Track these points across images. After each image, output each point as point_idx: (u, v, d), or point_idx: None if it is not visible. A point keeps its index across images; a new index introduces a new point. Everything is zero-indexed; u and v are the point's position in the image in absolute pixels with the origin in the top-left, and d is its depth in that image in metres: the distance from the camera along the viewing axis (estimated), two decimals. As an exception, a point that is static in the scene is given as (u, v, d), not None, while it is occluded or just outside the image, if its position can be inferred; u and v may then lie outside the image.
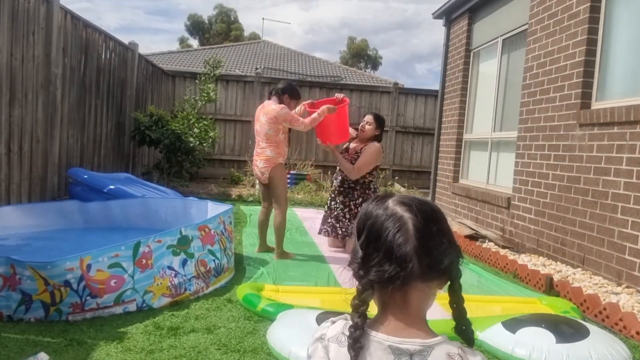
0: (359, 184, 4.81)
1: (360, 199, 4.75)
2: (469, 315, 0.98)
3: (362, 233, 0.95)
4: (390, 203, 0.95)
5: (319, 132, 4.72)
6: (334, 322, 0.97)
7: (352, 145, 4.93)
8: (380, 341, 0.89)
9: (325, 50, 76.95)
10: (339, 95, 4.90)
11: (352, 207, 4.78)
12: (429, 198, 1.11)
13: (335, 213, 4.85)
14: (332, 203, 4.91)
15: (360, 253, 0.93)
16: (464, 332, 0.97)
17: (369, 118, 4.92)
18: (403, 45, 79.18)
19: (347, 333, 0.90)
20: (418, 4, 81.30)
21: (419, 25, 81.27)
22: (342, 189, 4.84)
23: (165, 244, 3.05)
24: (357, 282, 0.93)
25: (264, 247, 4.57)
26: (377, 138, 4.92)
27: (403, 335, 0.90)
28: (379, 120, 4.94)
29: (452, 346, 0.90)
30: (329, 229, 4.89)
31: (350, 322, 0.91)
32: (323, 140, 4.73)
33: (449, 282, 0.94)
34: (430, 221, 0.92)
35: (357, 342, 0.88)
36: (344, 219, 4.80)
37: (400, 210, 0.92)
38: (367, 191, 4.80)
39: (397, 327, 0.91)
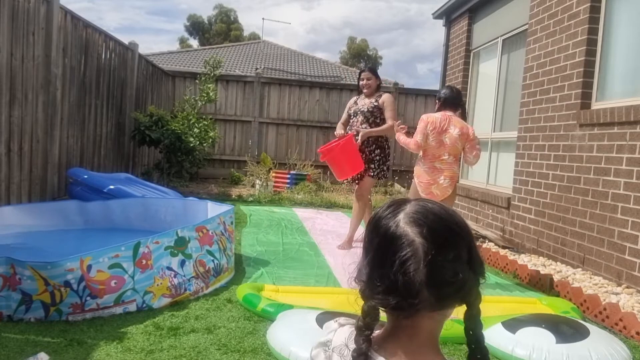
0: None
1: (374, 145, 4.80)
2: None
3: (369, 251, 0.86)
4: (402, 220, 0.84)
5: (336, 171, 4.73)
6: (342, 326, 0.91)
7: (362, 102, 4.87)
8: None
9: (326, 50, 77.00)
10: (338, 133, 4.90)
11: (367, 153, 4.76)
12: (448, 207, 0.87)
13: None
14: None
15: (366, 271, 0.85)
16: (473, 350, 0.86)
17: (366, 75, 4.90)
18: (405, 45, 79.21)
19: (351, 347, 0.84)
20: (421, 3, 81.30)
21: (422, 25, 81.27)
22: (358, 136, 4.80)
23: (162, 245, 3.05)
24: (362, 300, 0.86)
25: None
26: (379, 87, 4.98)
27: None
28: (374, 71, 5.01)
29: None
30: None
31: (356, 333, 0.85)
32: (342, 176, 4.75)
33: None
34: (445, 247, 0.81)
35: None
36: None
37: (411, 233, 0.82)
38: (379, 138, 4.83)
39: (405, 354, 0.83)
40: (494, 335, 2.61)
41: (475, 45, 7.22)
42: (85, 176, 5.27)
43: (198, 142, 8.34)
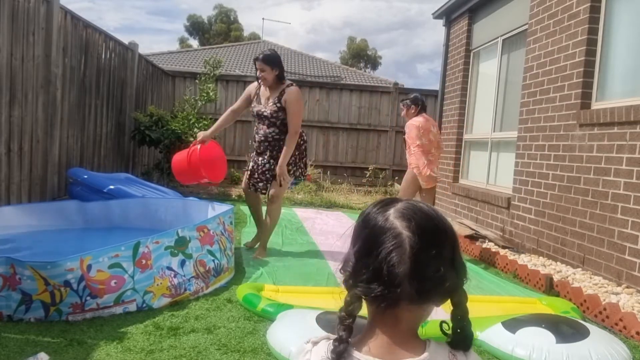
0: (284, 133, 4.26)
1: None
2: (469, 315, 0.94)
3: (357, 242, 0.89)
4: (392, 214, 0.87)
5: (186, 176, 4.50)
6: (315, 344, 0.91)
7: (264, 99, 4.30)
8: None
9: (327, 50, 77.00)
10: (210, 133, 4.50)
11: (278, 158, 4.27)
12: (438, 210, 0.94)
13: (264, 169, 4.36)
14: (260, 159, 4.39)
15: (352, 262, 0.88)
16: (458, 334, 0.91)
17: (259, 65, 4.20)
18: (405, 45, 79.23)
19: (330, 356, 0.85)
20: (421, 3, 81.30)
21: (422, 25, 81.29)
22: (266, 143, 4.30)
23: (163, 244, 3.05)
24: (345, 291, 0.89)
25: None
26: (280, 77, 4.26)
27: (392, 356, 0.85)
28: (269, 60, 4.19)
29: (439, 352, 0.87)
30: (260, 183, 4.42)
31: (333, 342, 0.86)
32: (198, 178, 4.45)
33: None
34: (430, 243, 0.84)
35: (340, 358, 0.85)
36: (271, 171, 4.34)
37: (399, 226, 0.85)
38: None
39: (385, 346, 0.86)
40: (494, 335, 2.61)
41: (475, 45, 7.22)
42: (85, 176, 5.27)
43: (198, 142, 8.33)
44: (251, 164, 4.52)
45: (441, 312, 0.96)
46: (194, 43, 39.16)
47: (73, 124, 6.07)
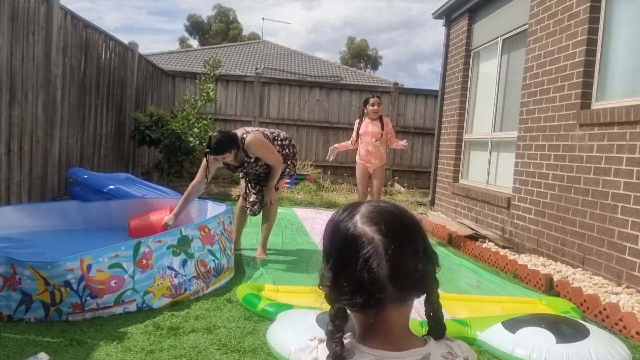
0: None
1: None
2: (469, 316, 0.94)
3: (331, 255, 0.88)
4: (359, 220, 0.87)
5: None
6: (322, 342, 0.90)
7: (233, 162, 4.23)
8: (379, 357, 0.84)
9: (327, 50, 76.99)
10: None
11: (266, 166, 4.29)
12: (400, 205, 0.91)
13: (256, 199, 4.49)
14: (252, 188, 4.52)
15: (329, 276, 0.87)
16: (436, 322, 0.92)
17: (215, 157, 4.03)
18: (406, 45, 79.21)
19: None
20: (422, 3, 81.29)
21: (423, 25, 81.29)
22: (260, 179, 4.42)
23: (165, 244, 3.05)
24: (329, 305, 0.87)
25: None
26: (238, 150, 4.10)
27: (398, 348, 0.85)
28: (223, 147, 3.99)
29: (439, 346, 0.89)
30: (255, 206, 4.54)
31: (327, 348, 0.85)
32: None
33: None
34: (403, 242, 0.85)
35: None
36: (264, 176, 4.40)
37: (370, 232, 0.85)
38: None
39: (387, 343, 0.86)
40: (494, 335, 2.61)
41: (475, 45, 7.22)
42: (85, 176, 5.28)
43: (198, 142, 8.34)
44: (244, 186, 4.58)
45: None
46: (194, 43, 39.18)
47: (73, 124, 6.07)
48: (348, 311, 0.86)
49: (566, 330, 2.61)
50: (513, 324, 2.66)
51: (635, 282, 3.70)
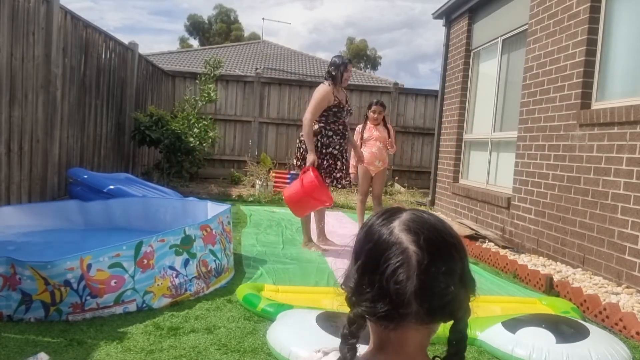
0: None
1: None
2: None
3: (360, 256, 0.83)
4: (397, 227, 0.81)
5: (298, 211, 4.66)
6: (326, 354, 0.88)
7: (338, 93, 4.94)
8: None
9: (329, 50, 76.78)
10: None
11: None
12: (443, 220, 0.85)
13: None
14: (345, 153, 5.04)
15: (354, 278, 0.82)
16: (454, 348, 0.84)
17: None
18: (408, 45, 79.14)
19: None
20: (424, 2, 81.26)
21: (425, 24, 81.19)
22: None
23: (168, 243, 3.05)
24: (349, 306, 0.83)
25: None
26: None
27: None
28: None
29: None
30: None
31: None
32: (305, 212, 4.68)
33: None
34: (439, 259, 0.78)
35: None
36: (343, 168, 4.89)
37: (405, 241, 0.79)
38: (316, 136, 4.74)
39: None
40: (494, 335, 2.62)
41: (475, 45, 7.22)
42: (85, 176, 5.27)
43: (198, 142, 8.34)
44: (339, 159, 4.87)
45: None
46: (194, 43, 39.19)
47: (73, 124, 6.07)
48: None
49: (566, 330, 2.61)
50: (513, 324, 2.66)
51: (635, 282, 3.70)
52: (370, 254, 0.81)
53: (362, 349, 0.85)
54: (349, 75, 4.88)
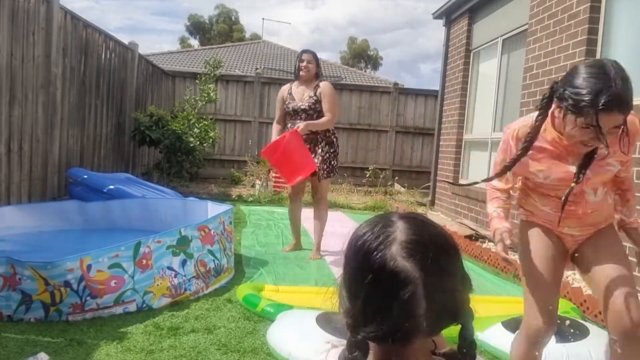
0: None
1: (323, 142, 4.40)
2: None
3: (360, 289, 0.77)
4: (398, 252, 0.76)
5: (286, 174, 4.34)
6: (335, 347, 0.87)
7: (297, 89, 4.49)
8: None
9: (330, 49, 76.85)
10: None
11: (319, 151, 4.39)
12: (440, 225, 0.88)
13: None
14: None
15: (352, 307, 0.79)
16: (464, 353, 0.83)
17: (307, 56, 4.48)
18: (410, 45, 79.08)
19: None
20: (427, 2, 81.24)
21: (428, 24, 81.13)
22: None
23: (164, 244, 3.05)
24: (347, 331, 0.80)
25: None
26: (318, 76, 4.53)
27: None
28: (315, 56, 4.56)
29: None
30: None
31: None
32: (293, 179, 4.24)
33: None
34: (444, 275, 0.77)
35: None
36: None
37: (410, 268, 0.75)
38: (327, 132, 4.44)
39: None
40: (494, 335, 2.62)
41: (475, 45, 7.22)
42: (85, 176, 5.27)
43: (198, 142, 8.34)
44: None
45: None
46: (195, 43, 39.20)
47: (73, 124, 6.07)
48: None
49: (566, 330, 2.61)
50: (513, 324, 2.65)
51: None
52: (374, 286, 0.76)
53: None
54: (302, 65, 4.47)
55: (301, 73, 4.48)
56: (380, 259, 0.76)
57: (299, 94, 4.46)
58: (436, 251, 0.77)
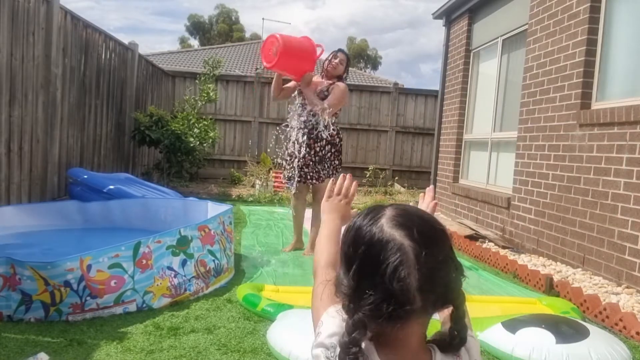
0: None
1: (324, 141, 4.49)
2: (469, 316, 0.90)
3: (353, 261, 0.80)
4: (386, 224, 0.80)
5: (294, 73, 4.44)
6: (333, 317, 0.86)
7: (316, 79, 4.62)
8: None
9: (331, 49, 76.60)
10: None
11: (318, 149, 4.48)
12: (426, 211, 1.05)
13: (303, 161, 4.51)
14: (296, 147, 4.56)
15: (349, 285, 0.80)
16: (455, 336, 0.86)
17: (342, 56, 4.63)
18: (411, 45, 79.00)
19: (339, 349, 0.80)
20: (428, 2, 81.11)
21: (428, 24, 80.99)
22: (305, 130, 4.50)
23: (164, 244, 3.05)
24: (346, 315, 0.81)
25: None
26: (340, 79, 4.63)
27: None
28: (349, 61, 4.74)
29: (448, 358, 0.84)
30: (300, 177, 4.55)
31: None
32: (298, 76, 4.39)
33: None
34: (434, 248, 0.78)
35: None
36: (311, 163, 4.52)
37: (398, 237, 0.78)
38: (332, 136, 4.52)
39: (401, 356, 0.81)
40: (494, 335, 2.61)
41: (475, 45, 7.22)
42: (85, 176, 5.27)
43: (198, 142, 8.35)
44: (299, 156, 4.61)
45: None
46: (195, 43, 39.19)
47: (73, 124, 6.07)
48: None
49: (566, 330, 2.61)
50: (513, 324, 2.66)
51: (635, 282, 3.70)
52: (365, 256, 0.79)
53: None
54: (328, 63, 4.62)
55: (328, 68, 4.59)
56: (369, 231, 0.80)
57: (315, 84, 4.57)
58: (423, 225, 0.80)
